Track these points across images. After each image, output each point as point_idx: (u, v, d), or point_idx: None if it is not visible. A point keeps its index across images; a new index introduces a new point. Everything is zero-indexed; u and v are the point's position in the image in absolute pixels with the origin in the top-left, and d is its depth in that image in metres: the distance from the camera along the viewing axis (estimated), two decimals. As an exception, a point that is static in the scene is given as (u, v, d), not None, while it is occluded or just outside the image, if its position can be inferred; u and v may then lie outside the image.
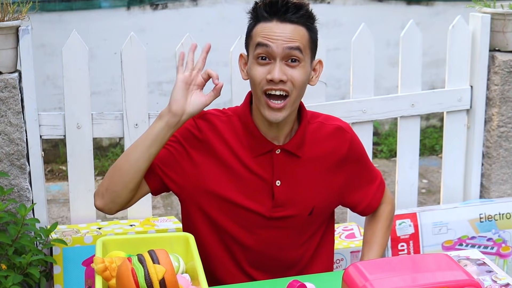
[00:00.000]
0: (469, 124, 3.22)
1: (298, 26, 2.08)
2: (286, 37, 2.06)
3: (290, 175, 2.17)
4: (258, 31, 2.09)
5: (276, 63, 2.06)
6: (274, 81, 2.05)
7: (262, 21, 2.09)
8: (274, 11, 2.07)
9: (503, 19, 3.11)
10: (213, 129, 2.17)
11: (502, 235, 3.10)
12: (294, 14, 2.07)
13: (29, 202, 2.78)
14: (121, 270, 1.71)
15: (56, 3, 4.87)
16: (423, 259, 1.83)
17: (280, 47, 2.05)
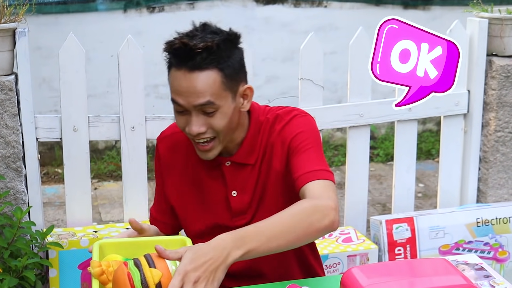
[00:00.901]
0: (466, 129, 3.22)
1: (208, 72, 1.92)
2: (194, 93, 1.92)
3: (245, 183, 2.09)
4: (171, 81, 1.98)
5: (192, 116, 1.96)
6: (192, 134, 1.97)
7: (173, 67, 1.96)
8: (181, 59, 1.93)
9: (500, 24, 3.11)
10: (171, 149, 2.15)
11: (499, 240, 3.10)
12: (203, 60, 1.91)
13: (25, 205, 2.77)
14: (117, 274, 1.70)
15: (53, 5, 4.86)
16: (421, 264, 1.83)
17: (191, 105, 1.94)
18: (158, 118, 2.89)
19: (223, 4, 5.15)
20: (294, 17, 5.21)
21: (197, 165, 2.12)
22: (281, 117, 2.09)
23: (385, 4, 5.40)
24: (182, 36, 1.94)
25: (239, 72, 2.01)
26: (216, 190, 2.12)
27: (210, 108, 1.95)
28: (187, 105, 1.95)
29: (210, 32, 1.96)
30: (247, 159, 2.09)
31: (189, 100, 1.94)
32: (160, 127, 2.87)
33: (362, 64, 3.03)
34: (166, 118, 2.89)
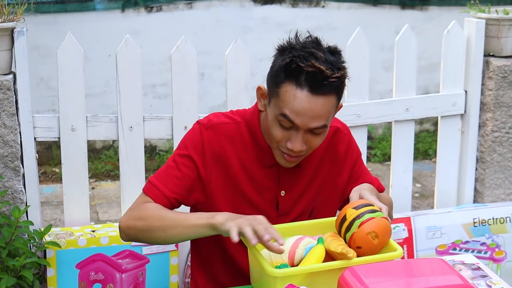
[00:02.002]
0: (463, 129, 3.23)
1: (329, 97, 1.96)
2: (314, 114, 1.95)
3: (294, 185, 2.16)
4: (286, 97, 1.95)
5: (299, 133, 1.99)
6: (293, 151, 2.01)
7: (294, 84, 1.94)
8: (311, 83, 1.93)
9: (497, 25, 3.12)
10: (221, 140, 2.13)
11: (495, 240, 3.11)
12: (332, 88, 1.95)
13: (23, 204, 2.77)
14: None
15: (51, 5, 4.86)
16: (418, 264, 1.84)
17: (306, 126, 1.97)
18: (156, 118, 2.89)
19: (221, 4, 5.15)
20: (291, 17, 5.21)
21: (251, 161, 2.14)
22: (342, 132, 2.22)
23: (383, 4, 5.41)
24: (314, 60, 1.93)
25: (342, 93, 2.06)
26: (267, 188, 2.15)
27: (320, 130, 2.00)
28: (302, 126, 1.98)
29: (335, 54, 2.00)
30: (302, 161, 2.14)
31: (306, 121, 1.97)
32: (158, 127, 2.89)
33: (359, 64, 3.04)
34: (164, 118, 2.89)
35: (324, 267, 1.81)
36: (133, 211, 2.12)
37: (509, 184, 3.25)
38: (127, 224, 2.11)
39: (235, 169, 2.14)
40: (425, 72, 5.31)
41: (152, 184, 2.14)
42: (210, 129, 2.14)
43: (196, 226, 1.99)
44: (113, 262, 2.74)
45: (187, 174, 2.12)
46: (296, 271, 1.81)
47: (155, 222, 2.06)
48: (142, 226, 2.08)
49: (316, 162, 2.19)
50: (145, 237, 2.10)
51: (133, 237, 2.12)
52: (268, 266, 1.80)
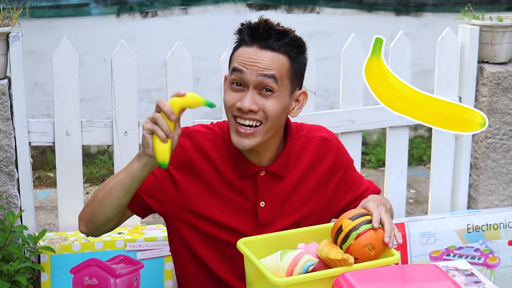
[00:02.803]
0: (457, 135, 3.24)
1: (279, 54, 2.02)
2: (262, 64, 2.00)
3: (275, 195, 2.14)
4: (237, 55, 2.05)
5: (249, 92, 2.01)
6: (243, 110, 2.00)
7: (244, 45, 2.04)
8: (256, 36, 2.02)
9: (491, 31, 3.13)
10: (198, 149, 2.13)
11: (489, 246, 3.12)
12: (276, 41, 2.01)
13: (17, 209, 2.77)
14: None
15: (46, 9, 4.86)
16: (412, 270, 1.84)
17: (254, 74, 1.99)
18: (150, 123, 2.89)
19: (216, 10, 5.16)
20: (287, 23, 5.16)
21: (228, 171, 2.12)
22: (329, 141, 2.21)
23: (378, 10, 5.43)
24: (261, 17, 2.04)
25: (301, 74, 2.11)
26: (246, 199, 2.13)
27: (270, 86, 2.00)
28: (250, 76, 2.00)
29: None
30: (282, 171, 2.14)
31: (255, 69, 2.00)
32: (153, 132, 2.89)
33: (354, 70, 3.04)
34: (158, 123, 2.89)
35: (326, 274, 1.81)
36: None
37: (503, 190, 3.26)
38: (82, 210, 2.13)
39: (212, 178, 2.13)
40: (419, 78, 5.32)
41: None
42: (186, 136, 2.15)
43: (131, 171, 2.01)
44: (107, 267, 2.74)
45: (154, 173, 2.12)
46: (298, 279, 1.80)
47: (100, 193, 2.07)
48: (92, 202, 2.09)
49: (299, 173, 2.16)
50: (96, 215, 2.08)
51: (88, 221, 2.10)
52: (270, 274, 1.79)
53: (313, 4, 5.30)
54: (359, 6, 5.37)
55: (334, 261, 1.84)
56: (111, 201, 2.05)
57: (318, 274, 1.81)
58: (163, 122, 1.90)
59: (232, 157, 2.12)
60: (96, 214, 2.09)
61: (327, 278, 1.79)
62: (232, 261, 2.13)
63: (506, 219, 3.15)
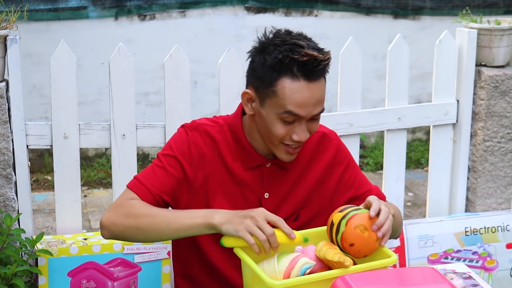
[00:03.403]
0: (455, 138, 3.24)
1: (322, 80, 2.03)
2: (315, 101, 2.01)
3: (278, 187, 2.17)
4: (286, 93, 1.98)
5: (302, 123, 2.03)
6: (300, 141, 2.05)
7: (289, 77, 1.98)
8: (307, 74, 1.98)
9: (489, 35, 3.13)
10: (206, 141, 2.15)
11: (487, 249, 3.12)
12: (320, 70, 2.01)
13: (15, 212, 2.76)
14: None
15: (44, 12, 4.85)
16: (410, 273, 1.84)
17: (309, 115, 2.02)
18: (148, 126, 2.89)
19: (214, 13, 5.16)
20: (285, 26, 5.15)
21: (235, 163, 2.15)
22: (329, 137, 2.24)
23: (375, 14, 5.43)
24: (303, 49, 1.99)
25: None
26: (251, 190, 2.16)
27: (320, 115, 2.06)
28: (306, 116, 2.01)
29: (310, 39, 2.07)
30: (287, 163, 2.16)
31: (309, 110, 2.01)
32: (151, 135, 2.89)
33: (352, 73, 3.04)
34: (156, 126, 2.89)
35: (323, 276, 1.81)
36: (118, 208, 2.09)
37: (501, 193, 3.26)
38: (112, 221, 2.07)
39: (220, 169, 2.14)
40: (417, 81, 5.33)
41: (138, 181, 2.13)
42: (194, 130, 2.17)
43: (191, 226, 1.97)
44: (105, 270, 2.74)
45: (172, 174, 2.12)
46: (296, 282, 1.80)
47: (145, 220, 2.03)
48: (130, 224, 2.04)
49: (301, 166, 2.19)
50: (132, 235, 2.06)
51: (117, 235, 2.08)
52: (267, 277, 1.79)
53: (311, 7, 5.30)
54: (357, 9, 5.37)
55: (331, 262, 1.84)
56: (160, 239, 2.06)
57: (315, 277, 1.81)
58: (274, 239, 1.88)
59: (240, 148, 2.15)
60: (135, 239, 2.09)
61: (324, 280, 1.79)
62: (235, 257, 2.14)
63: (504, 222, 3.15)
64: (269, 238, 1.87)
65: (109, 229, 2.08)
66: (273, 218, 1.91)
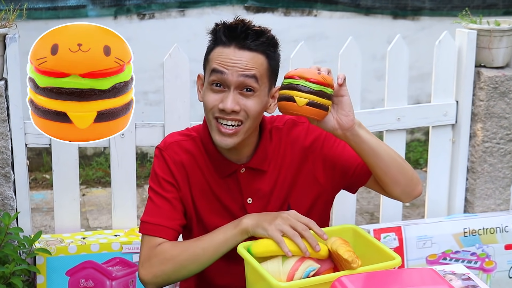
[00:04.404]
0: (454, 139, 3.24)
1: (257, 54, 2.03)
2: (242, 65, 2.00)
3: (260, 190, 2.15)
4: (215, 56, 2.04)
5: (230, 92, 2.01)
6: (226, 111, 2.01)
7: (220, 45, 2.04)
8: (233, 36, 2.02)
9: (489, 36, 3.13)
10: (182, 157, 2.14)
11: (485, 250, 3.12)
12: (254, 41, 2.02)
13: (13, 210, 2.76)
14: None
15: (43, 11, 4.85)
16: (409, 274, 1.84)
17: (235, 75, 2.00)
18: (147, 125, 2.89)
19: (213, 12, 5.15)
20: (284, 25, 5.22)
21: (211, 175, 2.14)
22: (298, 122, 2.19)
23: (375, 14, 5.43)
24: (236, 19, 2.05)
25: (277, 71, 2.12)
26: (232, 199, 2.14)
27: (251, 86, 2.01)
28: (231, 77, 2.00)
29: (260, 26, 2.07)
30: (262, 165, 2.15)
31: (236, 69, 2.00)
32: (150, 134, 2.89)
33: (351, 73, 3.04)
34: (155, 125, 2.89)
35: (327, 278, 1.81)
36: (151, 259, 2.07)
37: (500, 194, 3.26)
38: (153, 274, 2.06)
39: (201, 182, 2.14)
40: (416, 82, 5.33)
41: (152, 224, 2.11)
42: (168, 149, 2.16)
43: (226, 239, 1.99)
44: (104, 270, 2.74)
45: (173, 197, 2.13)
46: (301, 284, 1.80)
47: (183, 257, 2.03)
48: (171, 268, 2.04)
49: (278, 162, 2.16)
50: (177, 276, 2.06)
51: (163, 283, 2.07)
52: (272, 279, 1.78)
53: (311, 7, 5.30)
54: (357, 9, 5.37)
55: (341, 258, 1.84)
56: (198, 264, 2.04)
57: (320, 279, 1.81)
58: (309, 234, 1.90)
59: (212, 158, 2.14)
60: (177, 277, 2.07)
61: (329, 283, 1.79)
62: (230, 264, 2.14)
63: (503, 223, 3.15)
64: (303, 233, 1.88)
65: (154, 282, 2.07)
66: (304, 220, 1.92)
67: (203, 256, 2.02)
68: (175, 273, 2.05)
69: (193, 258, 2.03)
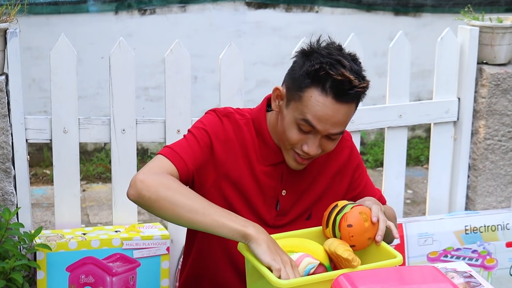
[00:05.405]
0: (456, 136, 3.23)
1: (351, 105, 2.00)
2: (336, 121, 1.98)
3: (296, 185, 2.17)
4: (311, 102, 1.97)
5: (316, 138, 2.01)
6: (309, 154, 2.03)
7: (319, 90, 1.96)
8: (337, 93, 1.96)
9: (491, 32, 3.12)
10: (236, 131, 2.13)
11: (487, 247, 3.11)
12: (355, 97, 1.99)
13: (14, 206, 2.76)
14: None
15: (44, 6, 4.84)
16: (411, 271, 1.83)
17: (326, 132, 1.99)
18: (148, 121, 2.88)
19: (214, 8, 5.14)
20: (285, 22, 5.21)
21: (256, 158, 2.13)
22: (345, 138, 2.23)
23: (376, 10, 5.42)
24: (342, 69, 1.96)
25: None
26: (269, 187, 2.14)
27: (338, 136, 2.03)
28: (322, 132, 2.00)
29: (357, 62, 2.03)
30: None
31: (327, 128, 1.99)
32: (151, 130, 2.88)
33: (353, 70, 3.03)
34: (157, 121, 2.88)
35: (328, 276, 1.80)
36: (157, 176, 1.97)
37: (501, 191, 3.26)
38: (148, 184, 1.94)
39: (242, 162, 2.12)
40: (418, 79, 5.32)
41: (173, 150, 2.05)
42: (225, 116, 2.14)
43: (226, 226, 1.90)
44: (104, 265, 2.73)
45: (205, 148, 2.07)
46: (302, 281, 1.79)
47: (183, 199, 1.93)
48: (167, 196, 1.93)
49: (318, 165, 2.19)
50: (161, 208, 1.94)
51: (145, 200, 1.95)
52: (273, 276, 1.77)
53: (312, 3, 5.29)
54: (358, 6, 5.36)
55: (340, 258, 1.84)
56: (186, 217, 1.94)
57: (321, 276, 1.80)
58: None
59: (263, 144, 2.13)
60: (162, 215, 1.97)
61: (329, 280, 1.78)
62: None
63: (504, 220, 3.14)
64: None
65: (140, 191, 1.95)
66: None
67: (198, 217, 1.92)
68: (163, 203, 1.93)
69: (189, 209, 1.93)
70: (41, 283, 2.69)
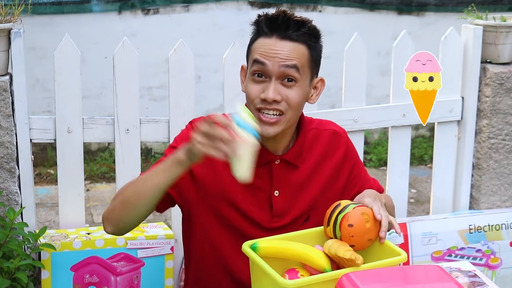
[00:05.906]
0: (460, 135, 3.23)
1: (298, 44, 2.05)
2: (283, 55, 2.03)
3: (288, 185, 2.15)
4: (257, 47, 2.06)
5: (271, 82, 2.03)
6: (267, 100, 2.03)
7: (262, 36, 2.06)
8: (275, 27, 2.04)
9: (495, 31, 3.12)
10: None
11: (491, 247, 3.11)
12: (295, 32, 2.04)
13: (18, 206, 2.76)
14: None
15: (48, 6, 4.85)
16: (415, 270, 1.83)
17: (276, 65, 2.02)
18: (152, 121, 2.88)
19: (217, 7, 5.15)
20: (288, 21, 5.21)
21: None
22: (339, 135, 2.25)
23: (380, 9, 5.42)
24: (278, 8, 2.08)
25: (319, 62, 2.14)
26: (260, 188, 2.14)
27: (292, 76, 2.04)
28: (272, 68, 2.02)
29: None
30: (297, 161, 2.16)
31: (277, 60, 2.02)
32: (155, 130, 2.88)
33: (357, 69, 3.03)
34: (160, 121, 2.89)
35: (333, 275, 1.80)
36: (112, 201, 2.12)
37: (505, 191, 3.25)
38: (106, 212, 2.11)
39: (222, 170, 2.11)
40: (421, 78, 5.31)
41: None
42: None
43: (164, 171, 1.98)
44: (108, 265, 2.74)
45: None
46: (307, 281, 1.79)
47: (128, 190, 2.05)
48: (118, 201, 2.07)
49: (312, 163, 2.18)
50: (124, 212, 2.05)
51: (116, 222, 2.08)
52: (279, 276, 1.78)
53: (315, 2, 5.29)
54: (361, 5, 5.36)
55: (343, 259, 1.84)
56: (146, 202, 2.03)
57: (326, 276, 1.80)
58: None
59: None
60: (129, 215, 2.06)
61: (333, 280, 1.78)
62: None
63: (508, 220, 3.14)
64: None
65: (108, 220, 2.10)
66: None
67: (144, 189, 2.00)
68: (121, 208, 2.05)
69: (135, 191, 2.02)
70: (46, 282, 2.70)
